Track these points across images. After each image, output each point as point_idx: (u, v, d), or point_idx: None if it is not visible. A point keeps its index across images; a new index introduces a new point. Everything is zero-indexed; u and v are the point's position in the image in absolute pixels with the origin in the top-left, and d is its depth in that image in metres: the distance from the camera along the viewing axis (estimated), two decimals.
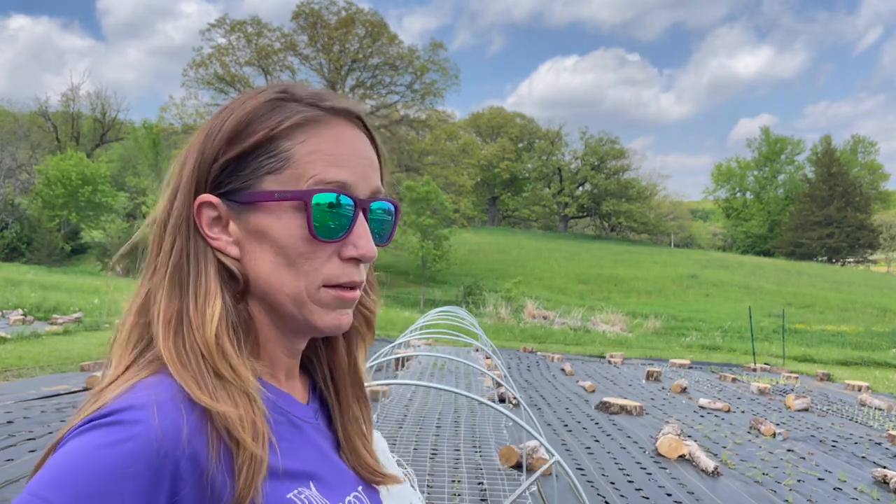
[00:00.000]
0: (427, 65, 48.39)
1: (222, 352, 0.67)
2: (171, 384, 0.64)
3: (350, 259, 0.71)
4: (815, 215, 59.34)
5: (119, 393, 0.63)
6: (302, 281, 0.70)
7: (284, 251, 0.70)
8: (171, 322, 0.68)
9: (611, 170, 72.82)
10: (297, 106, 0.72)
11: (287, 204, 0.69)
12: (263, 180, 0.70)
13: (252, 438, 0.63)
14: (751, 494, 5.82)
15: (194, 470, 0.60)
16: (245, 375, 0.67)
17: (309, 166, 0.69)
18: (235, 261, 0.71)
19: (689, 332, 25.11)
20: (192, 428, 0.61)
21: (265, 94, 0.73)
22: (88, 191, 40.58)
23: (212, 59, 45.98)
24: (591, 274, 42.13)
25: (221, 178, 0.71)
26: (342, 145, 0.72)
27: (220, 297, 0.69)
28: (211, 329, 0.67)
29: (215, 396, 0.64)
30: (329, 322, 0.72)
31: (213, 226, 0.71)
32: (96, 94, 57.75)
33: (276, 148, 0.70)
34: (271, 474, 0.65)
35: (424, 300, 32.47)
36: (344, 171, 0.70)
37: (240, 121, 0.71)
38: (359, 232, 0.71)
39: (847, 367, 17.62)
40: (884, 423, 9.53)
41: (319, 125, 0.71)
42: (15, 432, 6.32)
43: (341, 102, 0.74)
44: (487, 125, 75.58)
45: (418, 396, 9.58)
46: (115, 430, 0.58)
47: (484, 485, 5.63)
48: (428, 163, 47.69)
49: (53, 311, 17.15)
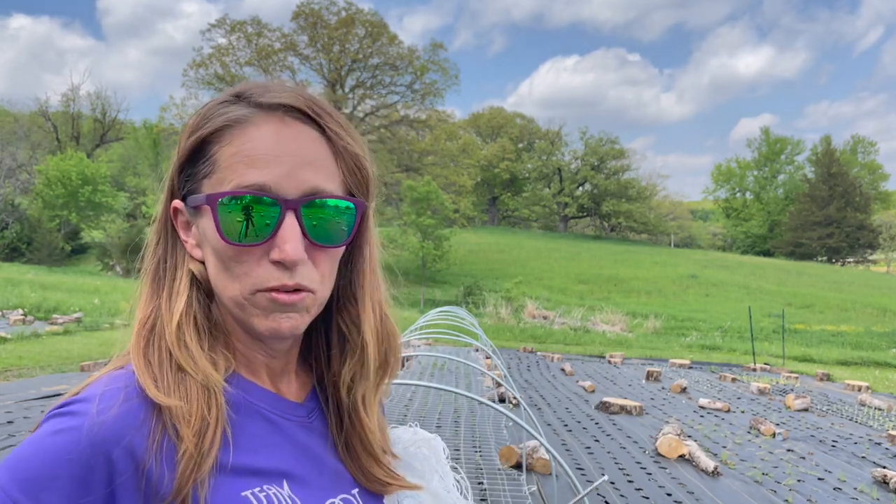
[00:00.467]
0: (427, 65, 48.44)
1: (184, 345, 0.69)
2: (129, 376, 0.67)
3: (277, 262, 0.68)
4: (815, 215, 59.34)
5: (84, 385, 0.67)
6: (237, 284, 0.70)
7: (217, 255, 0.70)
8: (143, 318, 0.71)
9: (611, 170, 72.81)
10: (237, 107, 0.71)
11: (209, 208, 0.69)
12: (202, 185, 0.71)
13: (196, 433, 0.64)
14: (751, 494, 5.83)
15: (130, 461, 0.62)
16: (205, 369, 0.68)
17: (229, 170, 0.69)
18: (200, 263, 0.73)
19: (689, 332, 25.10)
20: (132, 418, 0.63)
21: (220, 97, 0.74)
22: (88, 191, 40.59)
23: (212, 59, 46.04)
24: (591, 274, 42.12)
25: (183, 184, 0.73)
26: (265, 145, 0.68)
27: (185, 294, 0.72)
28: (174, 322, 0.70)
29: (168, 391, 0.65)
30: (267, 326, 0.70)
31: (185, 229, 0.74)
32: (96, 94, 57.79)
33: (207, 152, 0.71)
34: (221, 469, 0.65)
35: (424, 300, 32.47)
36: (263, 172, 0.67)
37: (190, 126, 0.72)
38: (283, 235, 0.68)
39: (847, 367, 17.61)
40: (884, 423, 9.53)
41: (245, 125, 0.69)
42: (15, 432, 6.33)
43: (276, 97, 0.70)
44: (487, 125, 75.59)
45: (418, 396, 9.58)
46: (62, 420, 0.62)
47: (484, 485, 5.63)
48: (428, 163, 47.68)
49: (53, 311, 17.15)
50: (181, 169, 0.73)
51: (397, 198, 40.79)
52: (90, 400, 0.63)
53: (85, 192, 40.45)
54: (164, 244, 0.74)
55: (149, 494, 0.62)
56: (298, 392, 0.80)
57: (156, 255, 0.74)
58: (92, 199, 40.94)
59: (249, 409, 0.72)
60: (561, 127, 77.52)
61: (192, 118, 0.73)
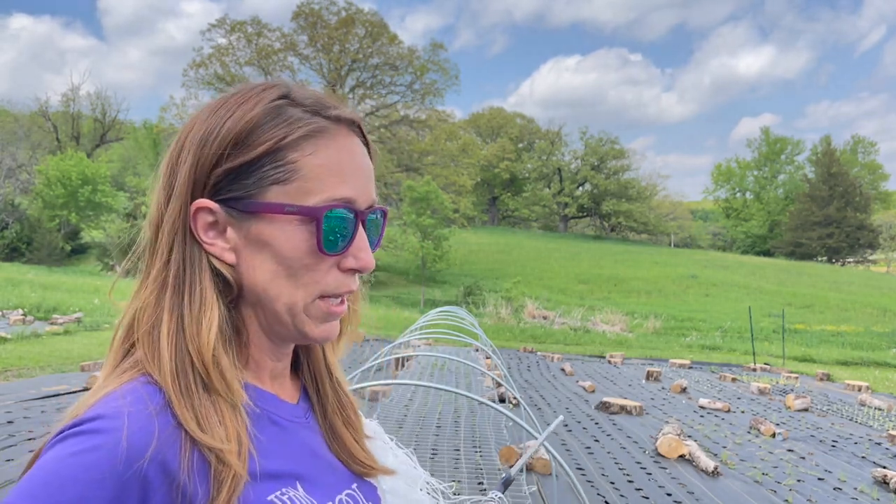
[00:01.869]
0: (427, 65, 48.37)
1: (217, 364, 0.67)
2: (149, 390, 0.64)
3: (349, 270, 0.73)
4: (815, 215, 59.32)
5: (94, 401, 0.63)
6: (300, 292, 0.71)
7: (287, 262, 0.69)
8: (167, 332, 0.67)
9: (611, 170, 72.80)
10: (300, 113, 0.71)
11: (294, 217, 0.69)
12: (269, 190, 0.69)
13: (237, 458, 0.64)
14: (751, 494, 5.82)
15: (164, 478, 0.60)
16: (237, 389, 0.67)
17: (317, 181, 0.69)
18: (230, 267, 0.70)
19: (689, 332, 25.10)
20: (163, 436, 0.61)
21: (267, 97, 0.71)
22: (88, 191, 40.56)
23: (212, 59, 45.97)
24: (591, 274, 42.12)
25: (222, 184, 0.69)
26: (348, 158, 0.72)
27: (216, 306, 0.69)
28: (209, 340, 0.67)
29: (204, 423, 0.64)
30: (320, 333, 0.74)
31: (208, 231, 0.70)
32: (96, 94, 57.67)
33: (282, 158, 0.69)
34: (250, 478, 0.66)
35: (424, 300, 32.46)
36: (350, 187, 0.71)
37: (242, 127, 0.69)
38: (359, 244, 0.72)
39: (847, 367, 17.61)
40: (884, 423, 9.53)
41: (326, 136, 0.71)
42: (15, 432, 6.32)
43: (345, 112, 0.74)
44: (487, 125, 75.59)
45: (418, 396, 9.57)
46: (83, 439, 0.59)
47: (484, 485, 5.63)
48: (428, 163, 47.64)
49: (53, 311, 17.14)
50: (229, 171, 0.69)
51: (397, 198, 40.78)
52: (112, 417, 0.60)
53: (85, 192, 40.43)
54: (182, 247, 0.69)
55: None
56: (293, 392, 0.81)
57: (171, 259, 0.69)
58: (92, 199, 40.92)
59: (260, 416, 0.72)
60: (561, 127, 77.59)
61: (235, 121, 0.68)
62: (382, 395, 9.14)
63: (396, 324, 19.14)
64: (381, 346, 14.62)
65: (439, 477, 5.94)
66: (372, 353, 13.17)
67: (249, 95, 0.71)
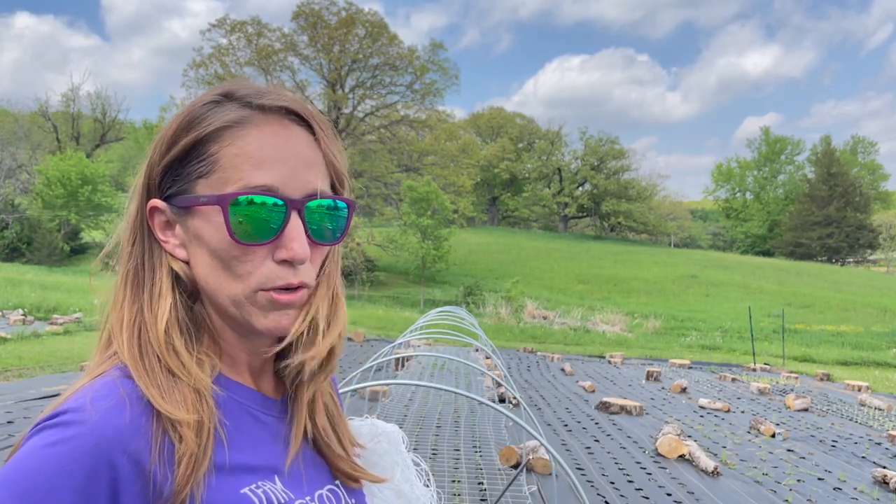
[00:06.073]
0: (427, 65, 48.36)
1: (173, 349, 0.69)
2: (123, 382, 0.66)
3: (282, 261, 0.71)
4: (815, 215, 59.33)
5: (70, 393, 0.66)
6: (239, 284, 0.71)
7: (217, 254, 0.71)
8: (129, 322, 0.71)
9: (610, 170, 72.80)
10: (231, 106, 0.72)
11: (213, 208, 0.70)
12: (196, 184, 0.71)
13: (195, 435, 0.65)
14: (751, 494, 5.83)
15: (134, 467, 0.62)
16: (195, 373, 0.69)
17: (233, 170, 0.69)
18: (184, 263, 0.73)
19: (689, 332, 25.10)
20: (135, 425, 0.63)
21: (206, 97, 0.73)
22: (88, 191, 40.56)
23: (212, 59, 45.95)
24: (590, 274, 42.12)
25: (165, 183, 0.72)
26: (269, 146, 0.70)
27: (170, 296, 0.71)
28: (160, 328, 0.70)
29: (168, 397, 0.66)
30: (268, 324, 0.72)
31: (164, 229, 0.73)
32: (96, 94, 57.71)
33: (205, 152, 0.70)
34: (219, 469, 0.67)
35: (424, 300, 32.46)
36: (270, 174, 0.69)
37: (177, 125, 0.72)
38: (290, 234, 0.70)
39: (847, 367, 17.62)
40: (884, 423, 9.53)
41: (247, 126, 0.71)
42: (15, 432, 6.32)
43: (275, 100, 0.72)
44: (487, 125, 75.59)
45: (418, 396, 9.58)
46: (56, 430, 0.61)
47: (484, 485, 5.63)
48: (428, 163, 47.64)
49: (53, 311, 17.15)
50: (167, 168, 0.72)
51: (397, 198, 40.78)
52: (83, 409, 0.62)
53: (85, 192, 40.43)
54: (141, 245, 0.74)
55: (154, 498, 0.63)
56: (276, 388, 0.82)
57: (132, 256, 0.74)
58: (92, 199, 40.92)
59: (237, 408, 0.73)
60: (561, 127, 77.57)
61: (179, 118, 0.72)
62: (382, 395, 9.14)
63: (396, 324, 19.15)
64: (381, 346, 14.63)
65: (439, 477, 5.94)
66: (372, 353, 13.17)
67: (197, 98, 0.74)
